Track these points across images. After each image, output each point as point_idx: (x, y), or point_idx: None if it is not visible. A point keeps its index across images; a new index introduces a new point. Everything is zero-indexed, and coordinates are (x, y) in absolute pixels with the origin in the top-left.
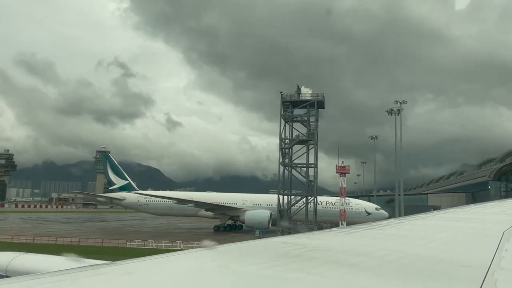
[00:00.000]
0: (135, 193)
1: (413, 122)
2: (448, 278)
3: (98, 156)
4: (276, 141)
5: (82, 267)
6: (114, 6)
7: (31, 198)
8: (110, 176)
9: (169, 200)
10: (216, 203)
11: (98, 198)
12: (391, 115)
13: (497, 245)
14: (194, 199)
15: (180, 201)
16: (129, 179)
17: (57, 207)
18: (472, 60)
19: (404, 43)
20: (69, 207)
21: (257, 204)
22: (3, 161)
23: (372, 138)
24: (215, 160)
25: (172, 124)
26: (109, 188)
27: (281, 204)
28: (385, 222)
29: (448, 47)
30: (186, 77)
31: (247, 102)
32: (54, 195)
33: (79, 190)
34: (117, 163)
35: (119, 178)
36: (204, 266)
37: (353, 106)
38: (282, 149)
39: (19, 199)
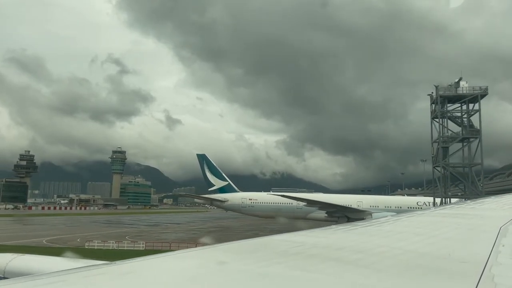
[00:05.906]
0: (277, 194)
1: (414, 117)
2: (446, 274)
3: (114, 156)
4: (273, 138)
5: (81, 267)
6: (106, 4)
7: (34, 199)
8: (208, 177)
9: (277, 202)
10: (339, 205)
11: (196, 199)
12: None
13: (494, 241)
14: (316, 201)
15: (309, 202)
16: (228, 180)
17: (80, 208)
18: (476, 53)
19: (407, 37)
20: (91, 208)
21: (374, 206)
22: (24, 163)
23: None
24: (213, 158)
25: (171, 122)
26: (208, 189)
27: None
28: (383, 219)
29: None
30: (179, 75)
31: (243, 99)
32: (73, 196)
33: (79, 190)
34: (215, 164)
35: (217, 179)
36: (203, 265)
37: (353, 102)
38: (441, 148)
39: None
